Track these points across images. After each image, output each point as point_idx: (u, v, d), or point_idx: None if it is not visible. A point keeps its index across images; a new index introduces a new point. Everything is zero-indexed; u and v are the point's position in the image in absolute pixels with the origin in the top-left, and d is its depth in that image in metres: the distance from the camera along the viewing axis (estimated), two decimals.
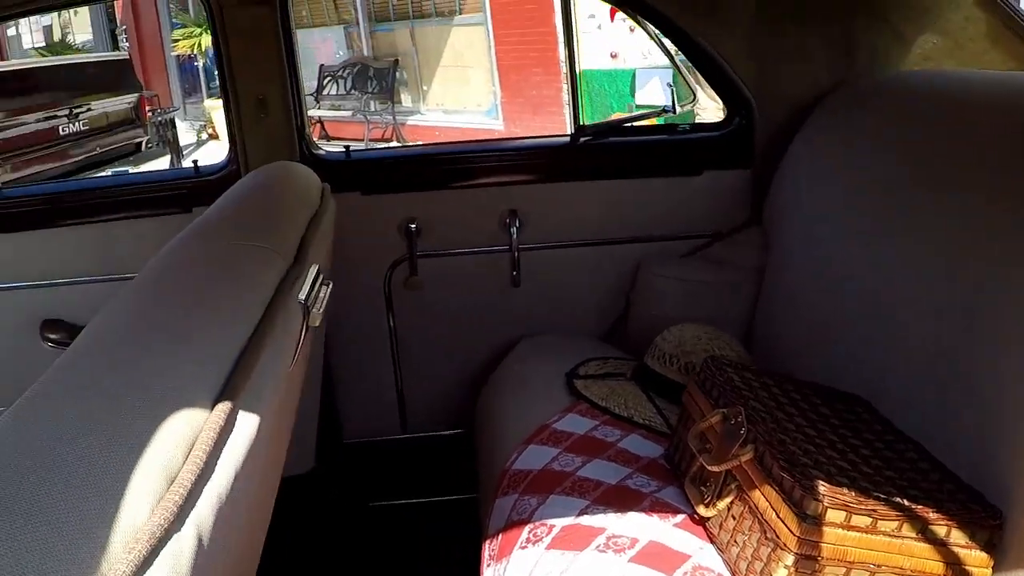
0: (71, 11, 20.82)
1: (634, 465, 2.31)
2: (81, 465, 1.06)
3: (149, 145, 12.11)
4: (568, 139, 3.42)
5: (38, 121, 10.14)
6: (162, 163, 12.95)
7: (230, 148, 3.44)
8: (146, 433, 1.16)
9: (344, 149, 3.59)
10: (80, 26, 21.02)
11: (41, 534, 0.95)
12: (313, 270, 1.96)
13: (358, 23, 15.55)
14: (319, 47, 15.86)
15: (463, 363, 3.56)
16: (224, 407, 1.32)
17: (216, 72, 3.42)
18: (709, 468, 1.96)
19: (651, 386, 2.71)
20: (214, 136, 15.95)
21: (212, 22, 3.31)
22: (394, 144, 13.59)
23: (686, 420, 2.21)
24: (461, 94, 14.31)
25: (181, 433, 1.21)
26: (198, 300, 1.63)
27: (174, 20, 17.49)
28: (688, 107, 3.55)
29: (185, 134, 15.18)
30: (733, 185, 3.35)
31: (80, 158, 10.88)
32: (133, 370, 1.32)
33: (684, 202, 3.39)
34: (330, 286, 2.01)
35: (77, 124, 10.58)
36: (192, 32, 15.71)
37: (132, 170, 10.93)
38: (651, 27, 3.29)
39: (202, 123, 16.20)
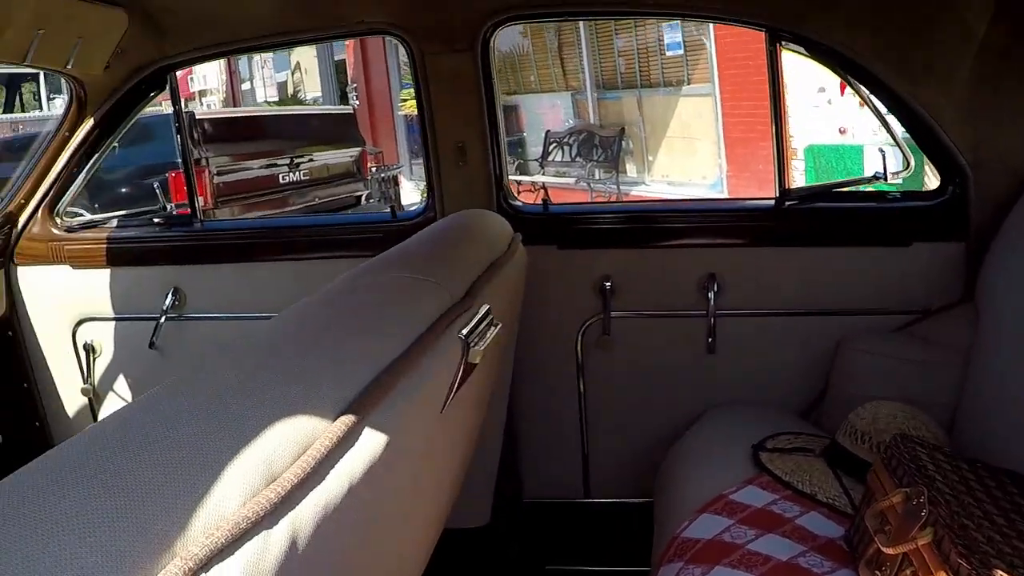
0: (302, 70, 22.01)
1: (809, 543, 2.17)
2: (175, 449, 1.08)
3: (370, 199, 12.43)
4: (772, 203, 3.31)
5: (260, 168, 10.56)
6: None
7: (427, 195, 3.50)
8: (254, 431, 1.17)
9: (542, 202, 3.59)
10: (311, 84, 22.09)
11: (117, 504, 0.97)
12: (482, 309, 1.95)
13: (586, 90, 15.60)
14: (547, 113, 16.05)
15: (652, 428, 3.46)
16: (347, 419, 1.32)
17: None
18: (884, 550, 1.81)
19: (841, 464, 2.56)
20: None
21: (413, 69, 3.40)
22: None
23: (868, 499, 2.06)
24: (687, 165, 14.13)
25: (294, 436, 1.22)
26: (349, 320, 1.66)
27: (404, 81, 18.06)
28: (903, 175, 3.38)
29: (410, 193, 15.56)
30: (945, 258, 3.14)
31: (299, 207, 11.28)
32: (263, 374, 1.34)
33: (892, 275, 3.20)
34: (498, 327, 1.99)
35: (298, 173, 10.97)
36: None
37: None
38: (864, 90, 3.15)
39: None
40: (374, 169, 13.12)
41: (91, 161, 3.77)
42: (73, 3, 3.13)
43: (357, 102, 18.82)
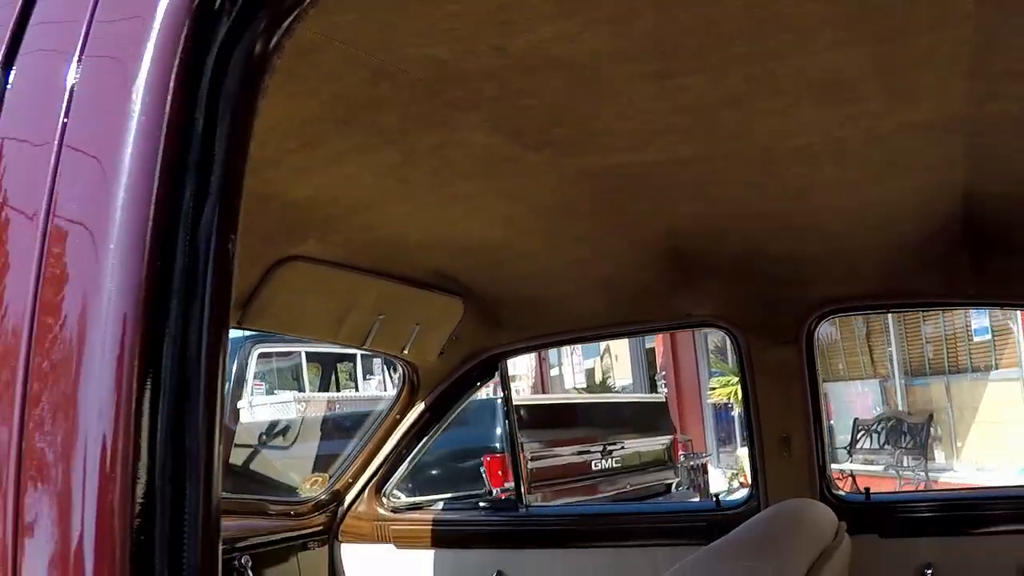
0: (612, 356, 22.48)
1: None
2: None
3: (679, 487, 12.30)
4: None
5: (573, 454, 10.69)
6: None
7: (751, 485, 3.51)
8: None
9: (864, 491, 3.53)
10: (621, 371, 22.51)
11: None
12: None
13: (894, 377, 15.41)
14: (855, 400, 15.84)
15: None
16: None
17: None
18: None
19: None
20: (745, 484, 15.88)
21: (740, 362, 3.51)
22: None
23: None
24: (997, 452, 13.40)
25: None
26: None
27: (712, 369, 18.19)
28: None
29: (717, 481, 15.32)
30: None
31: (610, 494, 11.25)
32: None
33: None
34: None
35: (610, 461, 10.97)
36: (729, 381, 15.95)
37: None
38: None
39: (734, 471, 16.36)
40: (683, 457, 13.08)
41: (420, 444, 3.94)
42: (413, 291, 3.36)
43: (666, 390, 19.06)
